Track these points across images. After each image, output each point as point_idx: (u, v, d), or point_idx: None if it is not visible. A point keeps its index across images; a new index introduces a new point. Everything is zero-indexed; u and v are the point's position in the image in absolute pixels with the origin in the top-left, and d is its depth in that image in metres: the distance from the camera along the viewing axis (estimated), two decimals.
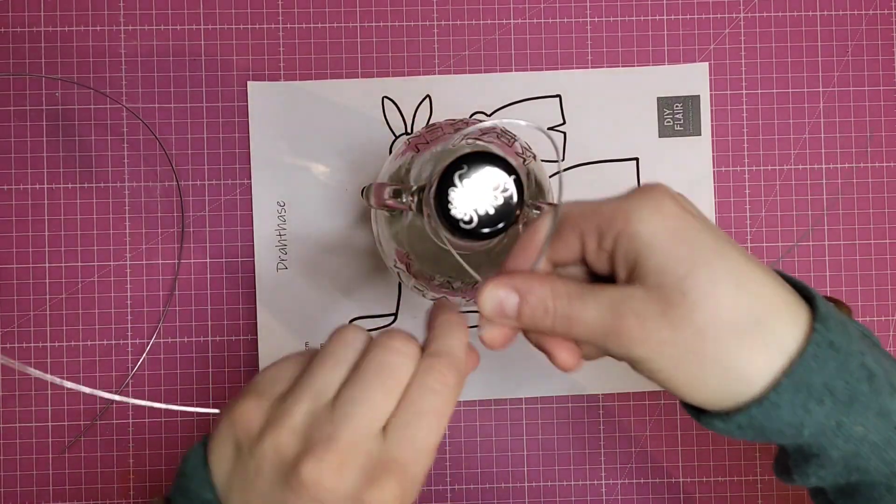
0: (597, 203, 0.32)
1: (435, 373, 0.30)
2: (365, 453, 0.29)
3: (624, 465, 0.49)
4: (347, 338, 0.32)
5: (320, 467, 0.28)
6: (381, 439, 0.29)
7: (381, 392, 0.30)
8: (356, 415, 0.29)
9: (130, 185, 0.49)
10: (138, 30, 0.49)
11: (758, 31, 0.50)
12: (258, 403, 0.30)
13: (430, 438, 0.30)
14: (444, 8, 0.50)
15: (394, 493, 0.29)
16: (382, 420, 0.30)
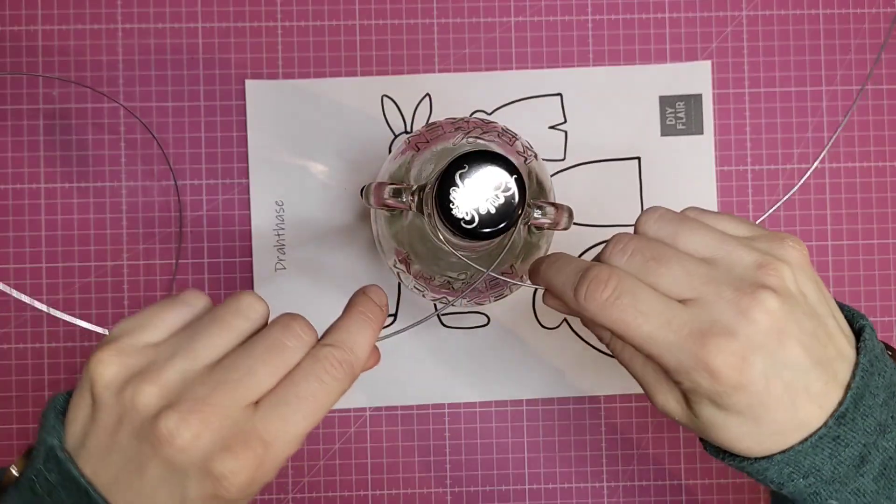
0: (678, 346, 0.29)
1: (325, 363, 0.30)
2: (230, 421, 0.28)
3: (625, 468, 0.49)
4: (243, 306, 0.31)
5: (179, 423, 0.27)
6: (251, 413, 0.29)
7: (265, 367, 0.29)
8: (232, 381, 0.28)
9: (128, 185, 0.49)
10: (136, 28, 0.49)
11: (760, 30, 0.50)
12: (117, 352, 0.29)
13: (300, 424, 0.29)
14: (444, 5, 0.49)
15: (246, 467, 0.28)
16: (258, 394, 0.29)
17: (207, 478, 0.28)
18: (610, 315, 0.29)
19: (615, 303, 0.29)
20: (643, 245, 0.30)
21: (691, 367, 0.28)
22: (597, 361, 0.49)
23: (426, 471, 0.49)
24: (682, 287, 0.29)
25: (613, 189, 0.49)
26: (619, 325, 0.29)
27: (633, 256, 0.30)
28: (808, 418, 0.29)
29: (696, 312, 0.29)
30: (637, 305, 0.29)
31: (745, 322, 0.28)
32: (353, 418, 0.49)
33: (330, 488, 0.48)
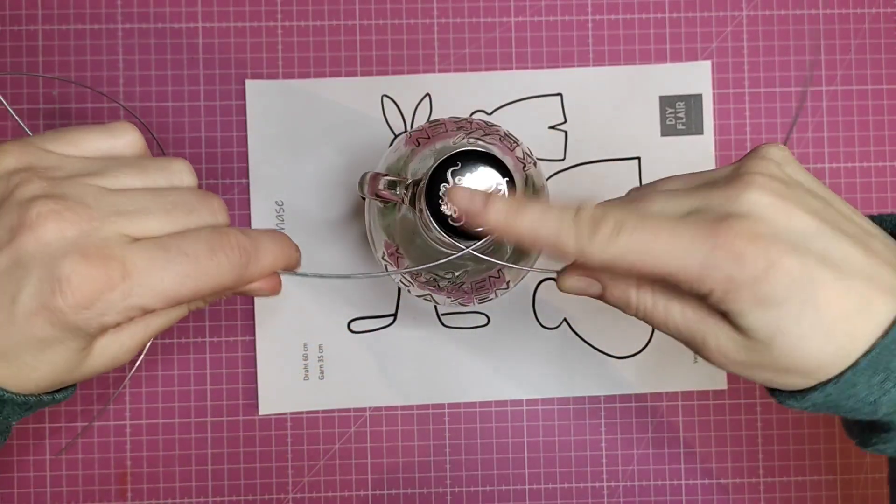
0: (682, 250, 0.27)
1: (225, 239, 0.28)
2: (100, 235, 0.26)
3: (626, 467, 0.49)
4: (173, 167, 0.30)
5: (48, 213, 0.26)
6: (126, 242, 0.27)
7: (164, 215, 0.28)
8: (122, 208, 0.27)
9: None
10: (135, 28, 0.49)
11: (760, 30, 0.50)
12: (22, 146, 0.28)
13: (168, 279, 0.27)
14: (444, 5, 0.49)
15: (93, 281, 0.26)
16: (142, 233, 0.27)
17: (48, 280, 0.26)
18: (620, 244, 0.27)
19: (621, 230, 0.27)
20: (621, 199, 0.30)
21: (715, 262, 0.26)
22: (597, 361, 0.49)
23: (426, 471, 0.49)
24: (673, 207, 0.28)
25: (613, 189, 0.49)
26: (631, 253, 0.27)
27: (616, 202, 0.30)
28: (869, 300, 0.27)
29: (700, 216, 0.27)
30: (644, 225, 0.27)
31: (742, 203, 0.27)
32: (353, 418, 0.49)
33: (330, 488, 0.48)
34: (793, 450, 0.49)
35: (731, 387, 0.49)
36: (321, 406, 0.48)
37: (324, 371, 0.48)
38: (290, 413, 0.48)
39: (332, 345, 0.48)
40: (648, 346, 0.49)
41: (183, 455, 0.48)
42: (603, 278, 0.31)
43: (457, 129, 0.38)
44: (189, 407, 0.48)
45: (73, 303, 0.26)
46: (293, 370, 0.48)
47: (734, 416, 0.49)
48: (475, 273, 0.38)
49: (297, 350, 0.48)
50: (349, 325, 0.49)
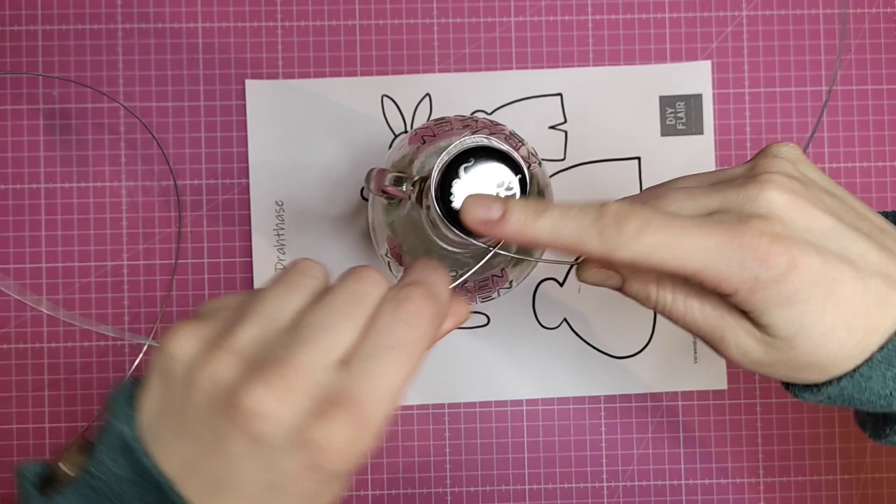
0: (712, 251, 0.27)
1: (409, 303, 0.27)
2: (317, 383, 0.25)
3: (626, 467, 0.49)
4: (306, 268, 0.29)
5: (264, 392, 0.24)
6: (339, 372, 0.26)
7: (346, 319, 0.26)
8: (314, 339, 0.25)
9: (128, 185, 0.48)
10: (135, 28, 0.49)
11: (760, 30, 0.50)
12: (196, 329, 0.26)
13: (395, 376, 0.26)
14: (444, 5, 0.49)
15: (345, 432, 0.25)
16: (343, 351, 0.26)
17: (301, 448, 0.25)
18: (645, 242, 0.27)
19: (647, 228, 0.27)
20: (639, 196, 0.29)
21: (740, 262, 0.26)
22: (597, 361, 0.49)
23: (426, 471, 0.49)
24: (694, 207, 0.28)
25: (613, 189, 0.49)
26: (657, 251, 0.27)
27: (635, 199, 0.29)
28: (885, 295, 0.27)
29: (721, 215, 0.28)
30: (668, 227, 0.27)
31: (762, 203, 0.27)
32: None
33: None
34: (793, 450, 0.49)
35: (731, 387, 0.49)
36: None
37: None
38: None
39: None
40: (648, 346, 0.49)
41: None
42: (623, 271, 0.31)
43: (462, 127, 0.38)
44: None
45: (337, 457, 0.25)
46: None
47: (734, 416, 0.49)
48: (478, 272, 0.38)
49: None
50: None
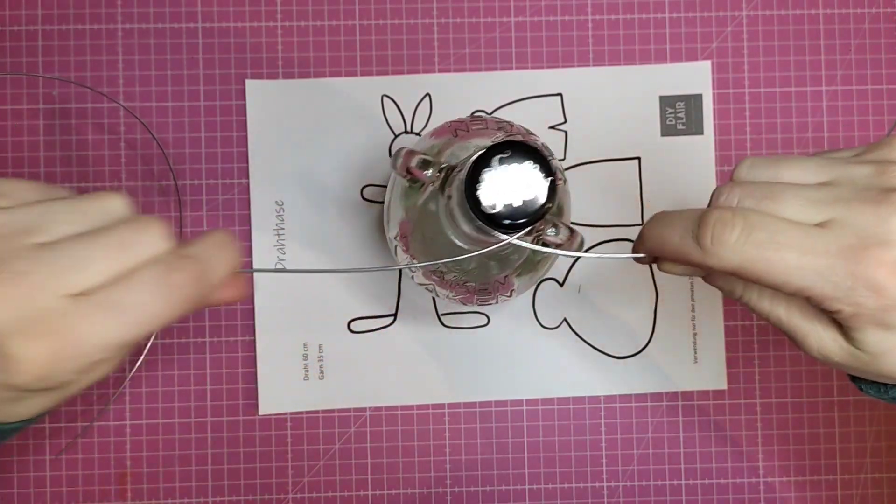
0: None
1: (175, 275, 0.27)
2: (39, 305, 0.25)
3: (626, 467, 0.49)
4: (107, 204, 0.28)
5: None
6: (67, 303, 0.26)
7: (104, 260, 0.26)
8: (58, 265, 0.26)
9: (128, 185, 0.48)
10: (135, 28, 0.49)
11: (760, 30, 0.50)
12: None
13: (116, 332, 0.26)
14: (444, 5, 0.49)
15: (41, 356, 0.25)
16: (82, 287, 0.26)
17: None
18: (747, 255, 0.26)
19: (748, 240, 0.26)
20: (750, 188, 0.28)
21: (850, 286, 0.26)
22: (597, 361, 0.49)
23: (426, 471, 0.49)
24: (809, 214, 0.27)
25: (613, 189, 0.49)
26: (759, 265, 0.26)
27: (742, 201, 0.28)
28: None
29: (838, 232, 0.26)
30: (775, 237, 0.26)
31: (891, 229, 0.26)
32: (353, 418, 0.49)
33: (330, 488, 0.48)
34: (793, 450, 0.49)
35: (731, 387, 0.49)
36: (321, 406, 0.48)
37: (324, 371, 0.48)
38: (290, 413, 0.48)
39: (332, 345, 0.48)
40: (648, 346, 0.49)
41: (183, 455, 0.48)
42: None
43: (497, 128, 0.38)
44: (189, 407, 0.48)
45: (28, 380, 0.26)
46: (293, 370, 0.48)
47: (734, 416, 0.49)
48: (482, 274, 0.38)
49: (297, 350, 0.48)
50: (349, 325, 0.49)
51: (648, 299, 0.49)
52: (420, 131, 0.49)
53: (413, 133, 0.49)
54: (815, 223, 0.27)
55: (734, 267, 0.27)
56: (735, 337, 0.49)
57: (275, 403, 0.48)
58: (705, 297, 0.49)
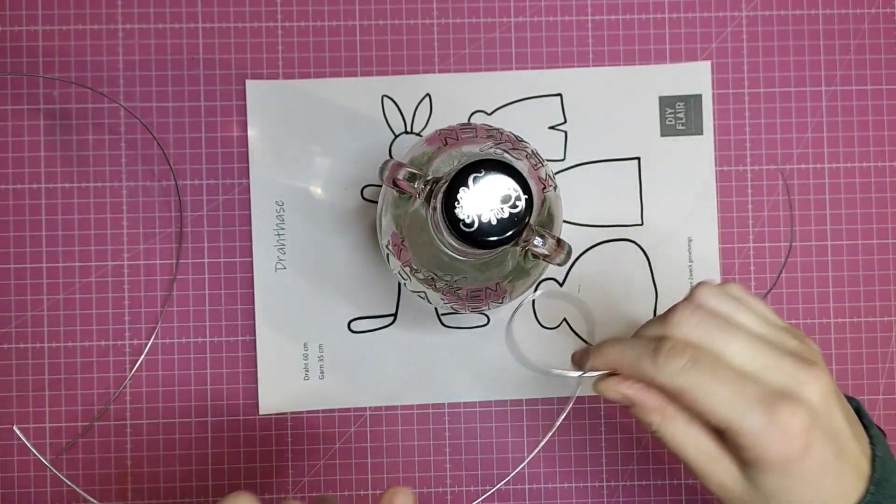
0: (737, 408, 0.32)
1: None
2: None
3: (625, 467, 0.49)
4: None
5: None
6: None
7: None
8: None
9: (128, 185, 0.49)
10: (136, 28, 0.49)
11: (760, 30, 0.50)
12: None
13: None
14: (444, 6, 0.49)
15: None
16: None
17: None
18: (688, 380, 0.31)
19: (693, 367, 0.31)
20: (707, 319, 0.33)
21: (764, 430, 0.31)
22: None
23: (426, 471, 0.49)
24: (745, 358, 0.32)
25: (613, 189, 0.49)
26: (696, 391, 0.31)
27: (698, 327, 0.33)
28: (850, 487, 0.32)
29: (764, 381, 0.31)
30: (714, 372, 0.31)
31: (807, 392, 0.31)
32: (353, 418, 0.49)
33: (330, 488, 0.48)
34: None
35: None
36: (321, 406, 0.48)
37: (324, 371, 0.48)
38: (290, 413, 0.48)
39: (332, 345, 0.48)
40: None
41: (183, 455, 0.48)
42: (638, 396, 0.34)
43: (487, 136, 0.38)
44: (189, 407, 0.48)
45: None
46: (293, 370, 0.48)
47: None
48: (473, 281, 0.38)
49: (297, 350, 0.48)
50: (349, 325, 0.49)
51: (648, 299, 0.49)
52: (420, 131, 0.49)
53: (413, 133, 0.49)
54: (745, 369, 0.32)
55: (677, 386, 0.32)
56: None
57: (275, 403, 0.48)
58: None
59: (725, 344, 0.32)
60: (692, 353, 0.32)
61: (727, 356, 0.32)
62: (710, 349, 0.32)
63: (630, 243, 0.49)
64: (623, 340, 0.34)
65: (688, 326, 0.32)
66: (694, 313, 0.33)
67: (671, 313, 0.33)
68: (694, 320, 0.33)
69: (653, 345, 0.32)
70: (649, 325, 0.35)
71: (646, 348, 0.32)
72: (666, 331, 0.33)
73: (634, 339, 0.34)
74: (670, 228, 0.49)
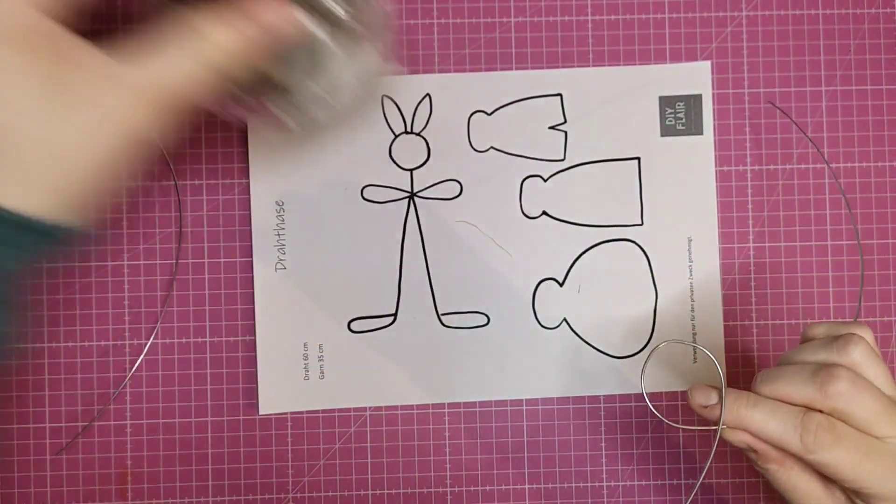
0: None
1: None
2: None
3: (626, 467, 0.49)
4: None
5: None
6: None
7: None
8: None
9: (128, 185, 0.48)
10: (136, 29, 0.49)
11: (760, 30, 0.50)
12: None
13: None
14: (444, 6, 0.49)
15: None
16: None
17: None
18: (834, 455, 0.34)
19: (838, 445, 0.33)
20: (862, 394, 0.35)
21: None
22: (597, 361, 0.49)
23: (426, 471, 0.49)
24: (883, 425, 0.34)
25: (613, 189, 0.49)
26: (839, 465, 0.34)
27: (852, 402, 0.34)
28: None
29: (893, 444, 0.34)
30: (857, 447, 0.34)
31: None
32: (354, 418, 0.49)
33: (330, 488, 0.48)
34: None
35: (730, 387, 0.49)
36: (321, 406, 0.48)
37: (324, 371, 0.48)
38: (290, 413, 0.48)
39: (332, 345, 0.48)
40: (648, 346, 0.49)
41: (183, 455, 0.48)
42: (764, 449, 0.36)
43: None
44: (189, 407, 0.48)
45: None
46: (293, 370, 0.48)
47: None
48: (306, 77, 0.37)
49: (297, 350, 0.48)
50: (349, 325, 0.49)
51: (648, 299, 0.49)
52: (420, 131, 0.49)
53: (413, 133, 0.49)
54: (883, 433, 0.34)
55: (822, 463, 0.34)
56: (735, 337, 0.49)
57: (275, 403, 0.48)
58: (705, 297, 0.49)
59: (873, 415, 0.34)
60: (836, 432, 0.34)
61: (868, 425, 0.34)
62: (856, 420, 0.34)
63: (630, 243, 0.49)
64: (761, 405, 0.35)
65: (846, 402, 0.34)
66: (856, 387, 0.34)
67: (833, 380, 0.34)
68: (856, 396, 0.34)
69: (797, 418, 0.34)
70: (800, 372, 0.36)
71: (790, 422, 0.34)
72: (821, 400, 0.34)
73: (775, 408, 0.35)
74: (670, 228, 0.49)
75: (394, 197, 0.49)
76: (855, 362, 0.35)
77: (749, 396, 0.36)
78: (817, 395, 0.34)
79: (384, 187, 0.49)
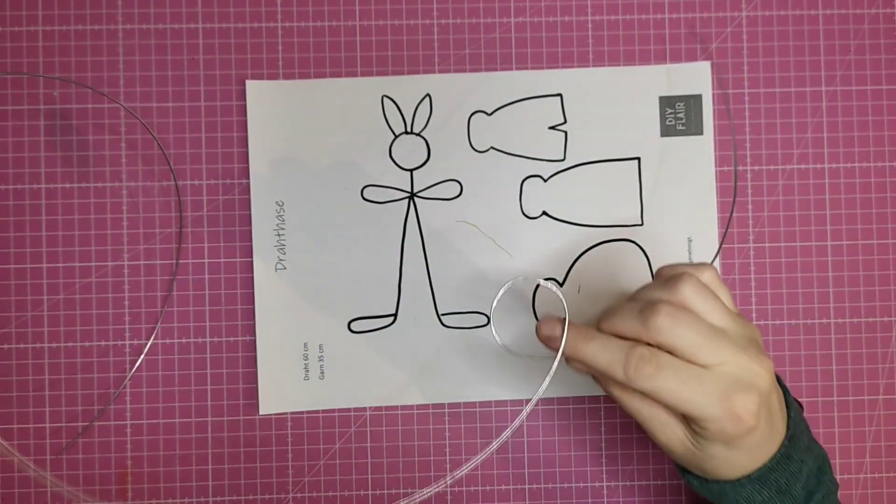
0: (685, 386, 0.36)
1: None
2: None
3: (625, 467, 0.49)
4: None
5: None
6: None
7: None
8: None
9: (128, 185, 0.49)
10: (136, 29, 0.49)
11: (760, 30, 0.50)
12: None
13: None
14: (444, 6, 0.49)
15: None
16: None
17: None
18: (654, 384, 0.35)
19: (658, 374, 0.35)
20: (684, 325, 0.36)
21: (721, 416, 0.35)
22: None
23: (426, 471, 0.49)
24: (708, 355, 0.35)
25: (613, 189, 0.49)
26: (661, 392, 0.35)
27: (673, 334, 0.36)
28: (773, 446, 0.38)
29: (721, 375, 0.35)
30: (676, 375, 0.35)
31: (758, 381, 0.36)
32: (354, 418, 0.49)
33: (330, 488, 0.48)
34: None
35: None
36: (321, 406, 0.48)
37: (324, 371, 0.48)
38: (290, 413, 0.48)
39: (332, 345, 0.48)
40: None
41: (183, 455, 0.48)
42: None
43: None
44: (189, 407, 0.48)
45: None
46: (293, 370, 0.48)
47: None
48: None
49: (297, 350, 0.48)
50: (349, 325, 0.49)
51: None
52: (420, 131, 0.49)
53: (413, 133, 0.49)
54: (706, 363, 0.36)
55: (645, 389, 0.35)
56: None
57: (275, 403, 0.48)
58: None
59: (694, 346, 0.35)
60: (657, 362, 0.35)
61: (692, 354, 0.35)
62: (679, 350, 0.35)
63: (630, 243, 0.49)
64: (595, 340, 0.37)
65: (666, 335, 0.35)
66: (675, 321, 0.36)
67: (653, 315, 0.36)
68: (675, 329, 0.36)
69: (622, 351, 0.36)
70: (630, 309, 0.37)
71: (616, 355, 0.36)
72: (645, 333, 0.36)
73: (606, 343, 0.37)
74: (670, 228, 0.49)
75: (394, 197, 0.49)
76: (684, 298, 0.37)
77: (587, 331, 0.37)
78: (641, 330, 0.36)
79: (384, 187, 0.49)
